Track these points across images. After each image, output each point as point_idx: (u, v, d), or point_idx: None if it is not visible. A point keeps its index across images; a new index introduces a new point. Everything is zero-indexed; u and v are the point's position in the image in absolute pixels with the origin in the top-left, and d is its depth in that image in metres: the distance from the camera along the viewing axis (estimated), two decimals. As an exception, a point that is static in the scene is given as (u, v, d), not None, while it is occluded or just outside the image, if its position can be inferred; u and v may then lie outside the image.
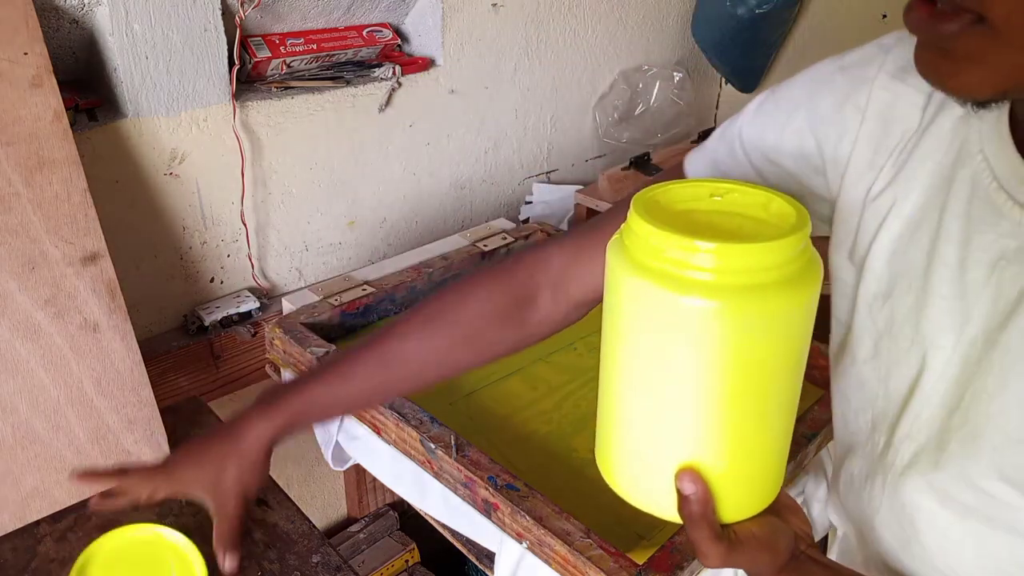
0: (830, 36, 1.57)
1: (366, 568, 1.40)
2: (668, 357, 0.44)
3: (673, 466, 0.46)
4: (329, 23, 1.11)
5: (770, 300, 0.42)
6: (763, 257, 0.42)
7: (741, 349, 0.43)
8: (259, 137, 1.05)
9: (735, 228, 0.46)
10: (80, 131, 0.88)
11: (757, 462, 0.48)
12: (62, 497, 0.81)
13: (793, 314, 0.44)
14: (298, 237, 1.15)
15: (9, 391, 0.77)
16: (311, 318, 0.93)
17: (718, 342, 0.43)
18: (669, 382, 0.45)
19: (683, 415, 0.45)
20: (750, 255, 0.42)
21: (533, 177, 1.46)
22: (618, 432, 0.49)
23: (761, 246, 0.42)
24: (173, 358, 1.00)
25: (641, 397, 0.47)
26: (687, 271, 0.42)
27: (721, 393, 0.44)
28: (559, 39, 1.38)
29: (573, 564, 0.64)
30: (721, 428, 0.45)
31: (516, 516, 0.68)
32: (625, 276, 0.44)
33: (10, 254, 0.77)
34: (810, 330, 0.47)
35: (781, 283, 0.43)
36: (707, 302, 0.42)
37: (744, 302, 0.42)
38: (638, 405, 0.47)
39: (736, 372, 0.44)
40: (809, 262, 0.45)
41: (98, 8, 0.87)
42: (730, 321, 0.42)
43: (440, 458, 0.74)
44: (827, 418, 0.80)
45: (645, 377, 0.46)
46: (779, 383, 0.46)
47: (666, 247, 0.42)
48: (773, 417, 0.47)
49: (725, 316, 0.42)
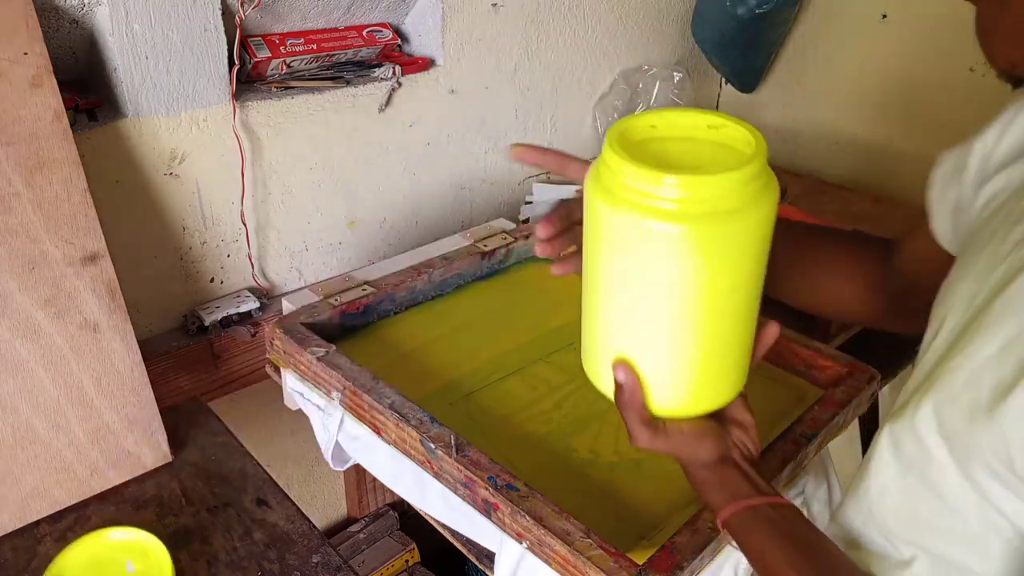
0: (830, 36, 1.57)
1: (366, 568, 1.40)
2: (630, 272, 0.51)
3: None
4: (329, 23, 1.11)
5: (727, 224, 0.48)
6: (721, 187, 0.47)
7: (698, 268, 0.49)
8: (259, 137, 1.05)
9: (698, 156, 0.52)
10: (80, 131, 0.88)
11: (695, 369, 0.54)
12: (62, 497, 0.81)
13: (747, 235, 0.50)
14: (298, 237, 1.15)
15: (9, 391, 0.77)
16: (311, 318, 0.93)
17: (677, 261, 0.49)
18: (626, 291, 0.53)
19: (636, 320, 0.53)
20: (710, 186, 0.47)
21: (533, 177, 1.46)
22: (589, 331, 0.58)
23: (719, 178, 0.47)
24: (173, 358, 1.00)
25: (606, 302, 0.55)
26: (653, 201, 0.48)
27: (668, 305, 0.51)
28: (559, 39, 1.38)
29: (573, 564, 0.64)
30: (666, 334, 0.53)
31: (516, 516, 0.68)
32: (598, 202, 0.51)
33: (10, 254, 0.77)
34: (765, 250, 0.52)
35: (739, 208, 0.48)
36: (671, 226, 0.47)
37: (705, 227, 0.47)
38: (604, 309, 0.55)
39: (686, 288, 0.50)
40: (764, 186, 0.50)
41: (98, 8, 0.87)
42: (691, 244, 0.48)
43: (440, 458, 0.74)
44: (827, 418, 0.80)
45: (610, 287, 0.54)
46: (728, 300, 0.52)
47: (634, 180, 0.48)
48: (718, 331, 0.53)
49: (686, 239, 0.48)
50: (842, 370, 0.88)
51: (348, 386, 0.82)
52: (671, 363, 0.54)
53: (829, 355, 0.90)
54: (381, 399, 0.79)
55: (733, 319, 0.53)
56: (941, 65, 1.43)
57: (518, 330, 0.99)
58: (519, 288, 1.08)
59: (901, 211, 1.24)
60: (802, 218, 1.17)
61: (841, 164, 1.62)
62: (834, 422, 0.81)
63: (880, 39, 1.49)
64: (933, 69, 1.44)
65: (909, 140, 1.50)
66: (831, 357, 0.89)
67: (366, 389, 0.80)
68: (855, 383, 0.86)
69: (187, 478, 0.86)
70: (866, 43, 1.52)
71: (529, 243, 1.15)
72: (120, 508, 0.82)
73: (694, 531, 0.66)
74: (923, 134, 1.48)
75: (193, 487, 0.85)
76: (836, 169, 1.63)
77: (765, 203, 0.49)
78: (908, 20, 1.45)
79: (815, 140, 1.65)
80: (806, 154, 1.67)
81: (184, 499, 0.83)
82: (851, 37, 1.54)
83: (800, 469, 0.80)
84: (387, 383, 0.81)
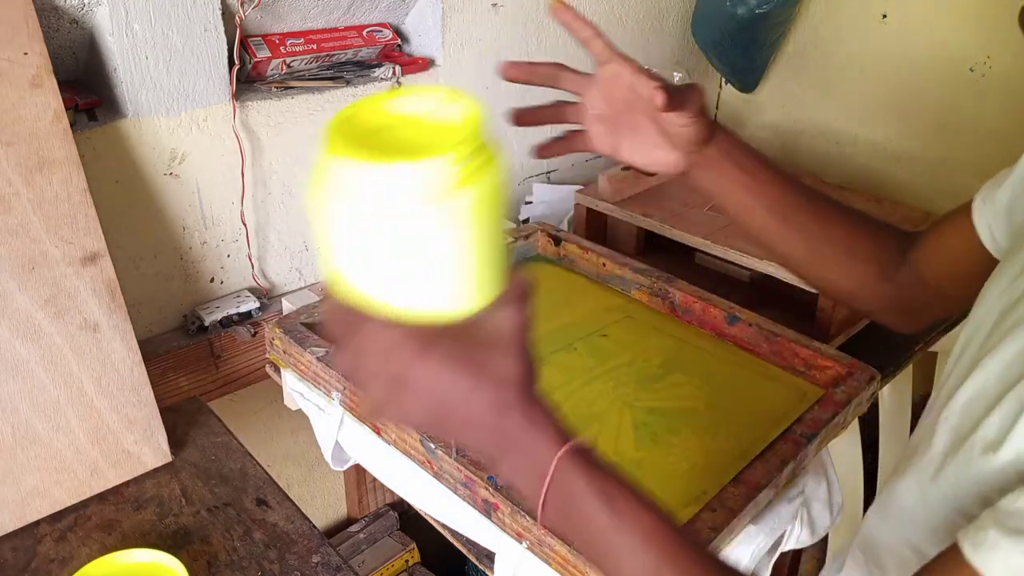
0: (830, 36, 1.57)
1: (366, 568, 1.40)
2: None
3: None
4: (329, 23, 1.11)
5: (450, 203, 0.47)
6: (427, 174, 0.46)
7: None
8: (259, 137, 1.05)
9: (415, 139, 0.49)
10: (80, 131, 0.88)
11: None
12: (62, 497, 0.81)
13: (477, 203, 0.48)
14: (298, 237, 1.15)
15: (9, 391, 0.77)
16: (311, 318, 0.93)
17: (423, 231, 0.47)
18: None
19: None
20: (417, 173, 0.46)
21: (533, 177, 1.46)
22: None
23: (417, 164, 0.46)
24: (173, 358, 1.00)
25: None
26: (382, 193, 0.46)
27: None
28: (559, 39, 1.38)
29: (573, 564, 0.64)
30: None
31: (516, 516, 0.68)
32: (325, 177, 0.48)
33: (10, 254, 0.77)
34: (495, 206, 0.50)
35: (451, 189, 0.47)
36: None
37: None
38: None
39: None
40: (489, 157, 0.49)
41: (98, 8, 0.87)
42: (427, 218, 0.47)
43: (440, 458, 0.74)
44: (827, 418, 0.80)
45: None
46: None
47: (343, 175, 0.46)
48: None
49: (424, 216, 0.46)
50: (842, 370, 0.88)
51: (348, 386, 0.82)
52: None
53: (829, 355, 0.90)
54: (381, 399, 0.79)
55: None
56: (941, 65, 1.43)
57: (518, 330, 0.99)
58: (519, 288, 1.08)
59: (901, 211, 1.24)
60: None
61: (841, 164, 1.62)
62: (834, 422, 0.81)
63: (880, 39, 1.49)
64: (933, 69, 1.44)
65: (909, 140, 1.50)
66: (831, 357, 0.89)
67: (366, 389, 0.80)
68: (855, 383, 0.86)
69: (187, 478, 0.86)
70: (866, 43, 1.52)
71: (529, 243, 1.15)
72: (120, 508, 0.82)
73: (694, 531, 0.66)
74: (923, 134, 1.48)
75: (193, 487, 0.85)
76: (836, 169, 1.63)
77: (485, 177, 0.49)
78: (908, 20, 1.45)
79: (815, 140, 1.65)
80: (806, 154, 1.67)
81: (184, 499, 0.83)
82: (851, 37, 1.54)
83: (800, 469, 0.80)
84: (387, 383, 0.81)
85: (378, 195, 0.46)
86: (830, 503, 0.86)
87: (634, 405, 0.87)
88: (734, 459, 0.80)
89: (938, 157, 1.46)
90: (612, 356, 0.95)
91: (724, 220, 1.19)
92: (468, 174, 0.48)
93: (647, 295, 1.05)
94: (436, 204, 0.47)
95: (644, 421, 0.85)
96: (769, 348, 0.94)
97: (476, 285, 0.51)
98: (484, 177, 0.49)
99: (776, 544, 0.80)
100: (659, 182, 1.30)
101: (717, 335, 0.99)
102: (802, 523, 0.82)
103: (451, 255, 0.49)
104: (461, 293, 0.50)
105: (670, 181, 1.32)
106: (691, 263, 1.26)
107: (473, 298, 0.51)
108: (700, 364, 0.94)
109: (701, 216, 1.20)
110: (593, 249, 1.11)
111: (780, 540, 0.80)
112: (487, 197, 0.49)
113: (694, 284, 1.03)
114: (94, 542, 0.78)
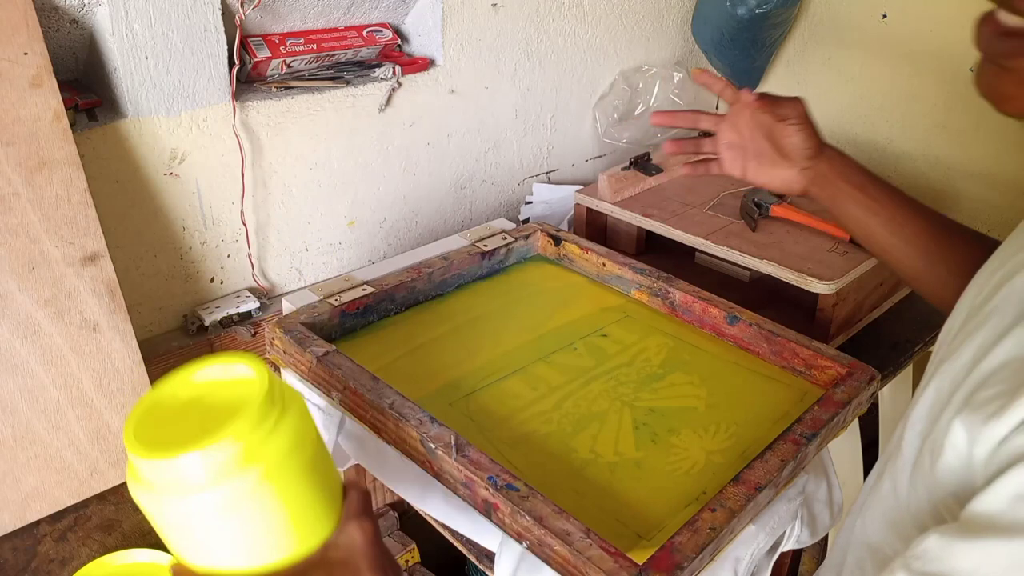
0: (830, 36, 1.57)
1: (366, 568, 1.39)
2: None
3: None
4: (329, 23, 1.11)
5: (248, 470, 0.50)
6: (224, 448, 0.49)
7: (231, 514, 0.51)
8: (259, 137, 1.05)
9: (211, 416, 0.53)
10: (80, 131, 0.88)
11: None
12: (62, 497, 0.81)
13: (279, 468, 0.52)
14: (298, 237, 1.15)
15: (9, 391, 0.77)
16: (311, 318, 0.93)
17: (228, 511, 0.51)
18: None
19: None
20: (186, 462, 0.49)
21: (533, 177, 1.46)
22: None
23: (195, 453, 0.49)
24: (173, 358, 1.00)
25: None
26: (180, 483, 0.50)
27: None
28: (559, 39, 1.38)
29: (573, 564, 0.64)
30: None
31: (516, 516, 0.68)
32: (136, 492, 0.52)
33: (10, 254, 0.77)
34: (302, 454, 0.54)
35: (250, 454, 0.50)
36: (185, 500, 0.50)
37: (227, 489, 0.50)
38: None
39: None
40: (280, 415, 0.53)
41: (98, 8, 0.87)
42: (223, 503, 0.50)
43: (440, 458, 0.74)
44: (827, 418, 0.80)
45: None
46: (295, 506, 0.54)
47: (154, 471, 0.50)
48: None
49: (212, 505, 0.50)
50: (842, 370, 0.88)
51: (348, 386, 0.82)
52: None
53: (829, 355, 0.90)
54: (381, 399, 0.79)
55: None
56: (941, 65, 1.43)
57: (518, 330, 0.99)
58: (519, 288, 1.08)
59: (901, 211, 1.24)
60: (803, 220, 1.17)
61: (841, 164, 1.62)
62: (834, 422, 0.81)
63: (880, 39, 1.50)
64: (933, 69, 1.44)
65: (909, 140, 1.50)
66: (831, 357, 0.89)
67: (366, 389, 0.80)
68: (855, 383, 0.86)
69: (187, 478, 0.86)
70: (866, 43, 1.52)
71: (529, 243, 1.15)
72: (120, 508, 0.82)
73: (694, 531, 0.66)
74: (923, 134, 1.48)
75: (193, 487, 0.85)
76: (836, 169, 1.63)
77: (285, 431, 0.52)
78: (908, 20, 1.45)
79: (815, 140, 1.65)
80: (806, 154, 1.67)
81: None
82: (851, 37, 1.54)
83: (800, 469, 0.80)
84: (387, 383, 0.81)
85: (171, 483, 0.50)
86: (830, 503, 0.86)
87: (634, 405, 0.87)
88: (734, 459, 0.80)
89: (938, 157, 1.47)
90: (612, 356, 0.95)
91: (724, 220, 1.19)
92: (254, 447, 0.51)
93: (647, 295, 1.05)
94: (225, 484, 0.50)
95: (644, 421, 0.85)
96: (769, 348, 0.94)
97: (305, 527, 0.55)
98: (276, 440, 0.52)
99: (776, 544, 0.80)
100: (659, 182, 1.30)
101: (717, 335, 0.99)
102: (802, 523, 0.82)
103: (263, 519, 0.52)
104: (291, 541, 0.54)
105: (670, 181, 1.32)
106: (691, 263, 1.26)
107: (308, 539, 0.55)
108: (700, 364, 0.94)
109: (701, 216, 1.20)
110: (593, 249, 1.11)
111: (780, 540, 0.80)
112: (284, 455, 0.52)
113: (694, 284, 1.03)
114: (94, 542, 0.78)
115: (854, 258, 1.08)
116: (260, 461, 0.50)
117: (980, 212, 1.41)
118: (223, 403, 0.53)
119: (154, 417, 0.53)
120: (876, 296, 1.17)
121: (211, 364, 0.56)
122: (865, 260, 1.08)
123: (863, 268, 1.08)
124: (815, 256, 1.09)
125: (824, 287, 1.03)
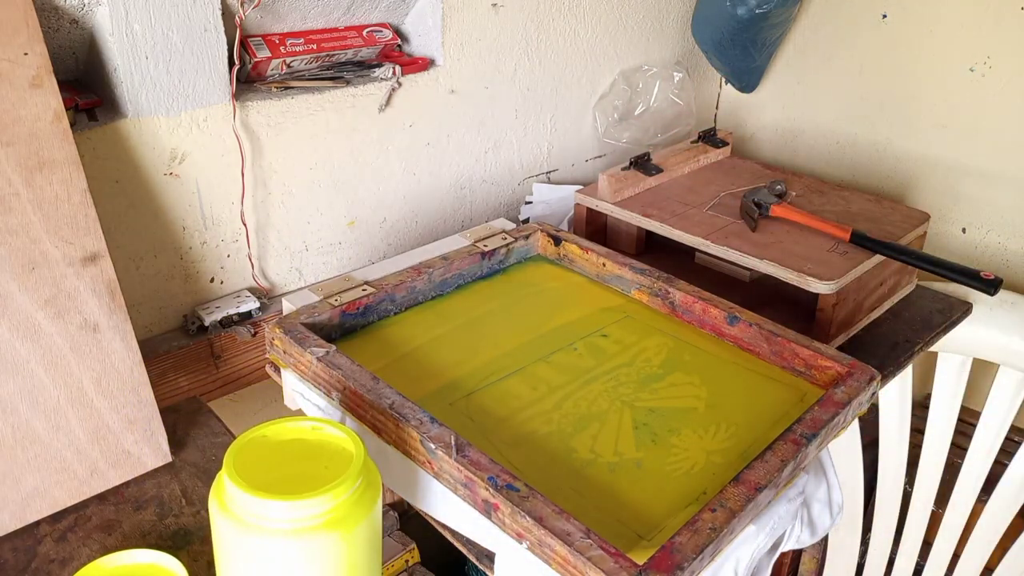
0: (830, 36, 1.57)
1: (366, 568, 1.39)
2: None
3: None
4: (329, 23, 1.11)
5: (330, 531, 0.57)
6: (318, 504, 0.56)
7: (316, 562, 0.57)
8: (259, 137, 1.05)
9: (308, 468, 0.61)
10: (80, 131, 0.88)
11: None
12: (62, 497, 0.81)
13: (354, 535, 0.58)
14: (298, 237, 1.15)
15: (9, 391, 0.77)
16: (311, 318, 0.93)
17: (300, 560, 0.57)
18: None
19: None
20: (306, 505, 0.56)
21: (533, 177, 1.46)
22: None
23: (310, 498, 0.55)
24: (173, 358, 1.00)
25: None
26: (263, 521, 0.56)
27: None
28: (559, 39, 1.38)
29: (573, 564, 0.64)
30: None
31: (516, 516, 0.68)
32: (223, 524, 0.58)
33: (10, 254, 0.77)
34: (371, 538, 0.62)
35: (337, 517, 0.57)
36: (282, 541, 0.56)
37: (312, 536, 0.56)
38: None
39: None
40: (366, 487, 0.60)
41: (98, 8, 0.87)
42: (306, 549, 0.56)
43: (440, 458, 0.74)
44: (827, 418, 0.80)
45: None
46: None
47: (244, 504, 0.56)
48: None
49: (297, 549, 0.56)
50: (842, 370, 0.88)
51: (348, 386, 0.82)
52: None
53: (829, 355, 0.90)
54: (381, 399, 0.79)
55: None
56: (941, 65, 1.43)
57: (518, 330, 0.99)
58: (519, 288, 1.08)
59: (901, 211, 1.24)
60: (803, 220, 1.17)
61: (841, 164, 1.62)
62: (834, 422, 0.81)
63: (880, 39, 1.50)
64: (933, 69, 1.44)
65: (909, 140, 1.50)
66: (831, 357, 0.89)
67: (366, 389, 0.80)
68: (855, 383, 0.86)
69: (187, 478, 0.86)
70: (866, 43, 1.52)
71: (529, 243, 1.15)
72: (120, 508, 0.82)
73: (694, 531, 0.66)
74: (923, 134, 1.48)
75: (193, 487, 0.85)
76: (836, 169, 1.63)
77: (366, 503, 0.60)
78: (908, 20, 1.45)
79: (815, 140, 1.65)
80: (806, 154, 1.67)
81: (184, 499, 0.83)
82: (851, 37, 1.54)
83: (800, 469, 0.80)
84: (387, 383, 0.81)
85: (258, 519, 0.55)
86: (830, 503, 0.86)
87: (634, 405, 0.87)
88: (734, 459, 0.80)
89: (938, 157, 1.47)
90: (612, 356, 0.95)
91: (724, 220, 1.19)
92: (343, 510, 0.57)
93: (647, 295, 1.05)
94: (307, 536, 0.56)
95: (644, 421, 0.85)
96: (769, 348, 0.94)
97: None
98: (361, 510, 0.59)
99: (776, 544, 0.80)
100: (659, 182, 1.30)
101: (717, 335, 0.99)
102: (802, 523, 0.82)
103: (324, 573, 0.58)
104: None
105: (670, 181, 1.32)
106: (691, 263, 1.26)
107: None
108: (700, 364, 0.94)
109: (701, 216, 1.20)
110: (593, 249, 1.11)
111: (780, 540, 0.80)
112: (362, 523, 0.59)
113: (694, 284, 1.03)
114: (94, 542, 0.78)
115: (854, 258, 1.08)
116: (344, 525, 0.57)
117: (980, 212, 1.41)
118: (318, 456, 0.61)
119: (253, 449, 0.60)
120: (876, 296, 1.17)
121: (306, 420, 0.63)
122: (865, 260, 1.08)
123: (863, 268, 1.08)
124: (815, 256, 1.09)
125: (824, 287, 1.03)
